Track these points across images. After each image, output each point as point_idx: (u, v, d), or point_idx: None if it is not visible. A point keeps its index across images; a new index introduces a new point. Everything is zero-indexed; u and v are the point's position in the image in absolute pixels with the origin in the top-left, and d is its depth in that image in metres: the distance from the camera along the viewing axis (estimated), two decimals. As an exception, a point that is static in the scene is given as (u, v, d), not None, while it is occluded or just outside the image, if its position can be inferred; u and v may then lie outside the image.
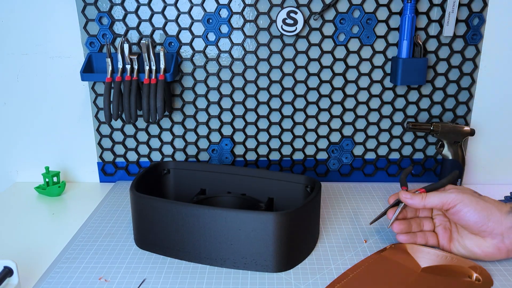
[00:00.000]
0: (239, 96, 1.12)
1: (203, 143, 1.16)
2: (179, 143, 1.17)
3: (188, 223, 0.81)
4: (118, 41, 1.07)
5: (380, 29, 1.08)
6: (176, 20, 1.07)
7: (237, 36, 1.08)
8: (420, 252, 0.82)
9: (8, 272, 0.72)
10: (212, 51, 1.09)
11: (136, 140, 1.16)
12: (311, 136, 1.15)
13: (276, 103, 1.13)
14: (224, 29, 1.08)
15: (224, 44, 1.09)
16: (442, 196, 0.79)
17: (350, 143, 1.16)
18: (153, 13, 1.07)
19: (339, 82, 1.11)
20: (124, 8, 1.06)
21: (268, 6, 1.06)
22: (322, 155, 1.17)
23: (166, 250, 0.85)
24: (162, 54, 1.03)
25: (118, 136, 1.16)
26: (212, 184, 1.02)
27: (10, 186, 1.18)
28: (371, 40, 1.08)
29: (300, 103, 1.13)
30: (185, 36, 1.08)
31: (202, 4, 1.06)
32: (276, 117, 1.14)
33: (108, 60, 1.03)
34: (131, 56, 1.03)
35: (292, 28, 1.06)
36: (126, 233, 0.93)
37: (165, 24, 1.07)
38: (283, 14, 1.05)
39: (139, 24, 1.07)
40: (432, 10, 1.06)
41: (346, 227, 0.95)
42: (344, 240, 0.91)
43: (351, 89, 1.12)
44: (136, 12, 1.06)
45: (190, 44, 1.09)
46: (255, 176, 0.99)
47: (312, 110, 1.13)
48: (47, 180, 1.11)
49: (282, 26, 1.06)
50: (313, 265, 0.82)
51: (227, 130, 1.15)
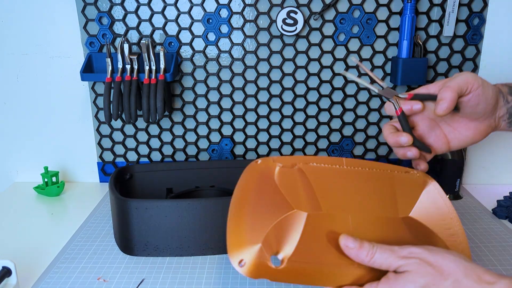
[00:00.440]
0: (239, 96, 1.12)
1: (203, 143, 1.16)
2: (179, 143, 1.16)
3: (180, 219, 0.83)
4: (118, 41, 1.07)
5: (380, 29, 1.07)
6: (176, 20, 1.07)
7: (237, 36, 1.08)
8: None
9: (6, 272, 0.72)
10: (212, 51, 1.09)
11: (136, 140, 1.16)
12: (311, 136, 1.15)
13: (276, 103, 1.13)
14: (224, 29, 1.08)
15: (224, 44, 1.09)
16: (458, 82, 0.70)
17: (350, 143, 1.16)
18: (153, 13, 1.07)
19: (339, 82, 1.11)
20: (124, 8, 1.06)
21: (268, 6, 1.06)
22: (322, 155, 1.17)
23: (161, 252, 0.85)
24: (162, 54, 1.03)
25: (118, 136, 1.16)
26: (178, 183, 1.05)
27: (9, 186, 1.18)
28: (371, 40, 1.08)
29: (300, 103, 1.13)
30: (185, 36, 1.08)
31: (202, 4, 1.06)
32: (276, 117, 1.14)
33: (108, 60, 1.03)
34: (131, 56, 1.03)
35: (292, 28, 1.06)
36: (126, 233, 0.93)
37: (165, 24, 1.07)
38: (283, 14, 1.05)
39: (139, 24, 1.07)
40: (432, 10, 1.06)
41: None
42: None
43: (351, 89, 1.12)
44: (136, 12, 1.06)
45: (190, 44, 1.09)
46: (221, 167, 1.04)
47: (312, 110, 1.13)
48: (46, 180, 1.11)
49: (282, 26, 1.06)
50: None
51: (227, 130, 1.15)
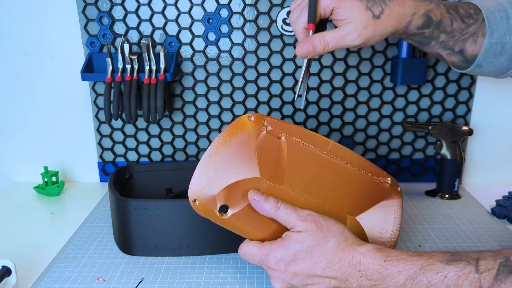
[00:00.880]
0: (239, 96, 1.12)
1: (203, 143, 1.16)
2: (179, 143, 1.17)
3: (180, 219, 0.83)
4: (118, 41, 1.07)
5: (380, 29, 1.07)
6: (176, 20, 1.07)
7: (237, 36, 1.08)
8: None
9: (6, 271, 0.72)
10: (212, 51, 1.09)
11: (136, 140, 1.16)
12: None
13: (276, 103, 1.13)
14: (224, 29, 1.08)
15: (224, 44, 1.09)
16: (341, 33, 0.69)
17: (350, 143, 1.16)
18: (153, 13, 1.07)
19: (339, 82, 1.11)
20: (124, 8, 1.06)
21: (268, 6, 1.06)
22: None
23: (160, 251, 0.85)
24: (162, 54, 1.03)
25: (118, 136, 1.16)
26: (178, 182, 1.04)
27: (9, 186, 1.18)
28: (371, 40, 1.08)
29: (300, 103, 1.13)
30: (185, 36, 1.08)
31: (202, 4, 1.06)
32: (276, 116, 1.13)
33: (108, 60, 1.03)
34: (131, 56, 1.03)
35: (292, 28, 1.06)
36: (125, 232, 0.93)
37: (165, 24, 1.08)
38: (283, 14, 1.05)
39: (139, 24, 1.07)
40: (432, 10, 1.05)
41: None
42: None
43: (351, 89, 1.12)
44: (136, 12, 1.06)
45: (190, 44, 1.09)
46: None
47: (312, 110, 1.13)
48: (46, 180, 1.11)
49: (282, 26, 1.06)
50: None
51: (227, 130, 1.15)
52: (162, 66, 1.04)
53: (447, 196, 1.09)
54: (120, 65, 1.03)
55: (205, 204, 0.68)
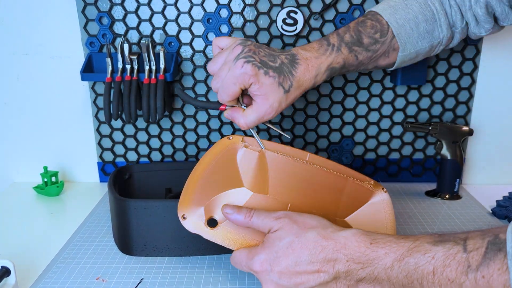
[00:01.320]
0: (239, 96, 1.12)
1: (203, 143, 1.16)
2: (179, 143, 1.16)
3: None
4: (118, 41, 1.07)
5: (380, 29, 1.07)
6: (176, 20, 1.07)
7: (237, 36, 1.08)
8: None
9: (5, 272, 0.72)
10: (212, 51, 1.09)
11: (136, 140, 1.16)
12: (311, 136, 1.15)
13: (276, 103, 1.13)
14: (224, 29, 1.08)
15: (223, 44, 1.09)
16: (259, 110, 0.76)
17: (350, 143, 1.16)
18: (153, 13, 1.07)
19: (339, 82, 1.11)
20: (124, 8, 1.06)
21: (268, 6, 1.06)
22: (322, 155, 1.17)
23: (160, 252, 0.85)
24: (162, 54, 1.03)
25: (118, 136, 1.16)
26: (178, 182, 1.04)
27: (9, 186, 1.18)
28: (371, 40, 1.08)
29: (300, 103, 1.13)
30: (185, 36, 1.08)
31: (202, 4, 1.06)
32: (276, 116, 1.13)
33: (108, 60, 1.03)
34: (131, 56, 1.03)
35: (292, 28, 1.06)
36: (125, 233, 0.93)
37: (165, 24, 1.07)
38: (283, 14, 1.05)
39: (139, 24, 1.07)
40: (432, 10, 1.05)
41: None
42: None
43: (351, 88, 1.12)
44: (136, 12, 1.06)
45: (190, 44, 1.09)
46: None
47: (312, 110, 1.13)
48: (45, 180, 1.11)
49: (282, 26, 1.06)
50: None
51: (227, 130, 1.15)
52: (162, 66, 1.04)
53: (447, 196, 1.08)
54: (120, 65, 1.03)
55: (193, 218, 0.73)
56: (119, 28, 1.07)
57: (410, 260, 0.57)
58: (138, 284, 0.77)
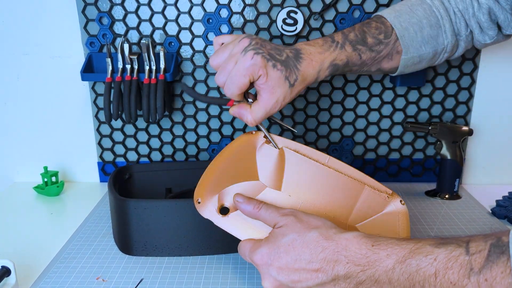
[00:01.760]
0: (239, 96, 1.12)
1: (203, 143, 1.16)
2: (179, 143, 1.16)
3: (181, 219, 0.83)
4: (118, 41, 1.07)
5: (380, 29, 1.07)
6: (176, 20, 1.07)
7: (237, 36, 1.08)
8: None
9: (5, 272, 0.72)
10: (212, 51, 1.09)
11: (136, 140, 1.16)
12: (311, 136, 1.15)
13: (276, 103, 1.13)
14: (224, 29, 1.08)
15: (224, 44, 1.09)
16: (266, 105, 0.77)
17: (350, 143, 1.16)
18: (153, 13, 1.07)
19: (339, 81, 1.11)
20: (124, 8, 1.06)
21: (268, 6, 1.06)
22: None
23: (160, 251, 0.85)
24: (162, 54, 1.03)
25: (118, 136, 1.16)
26: (178, 183, 1.05)
27: (9, 186, 1.18)
28: (371, 40, 1.08)
29: (300, 103, 1.13)
30: (185, 36, 1.08)
31: (202, 4, 1.06)
32: (276, 116, 1.13)
33: (108, 60, 1.03)
34: (131, 56, 1.03)
35: (292, 28, 1.06)
36: (125, 232, 0.93)
37: (165, 24, 1.07)
38: (283, 14, 1.05)
39: (139, 24, 1.07)
40: (432, 10, 1.05)
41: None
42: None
43: (351, 88, 1.12)
44: (136, 12, 1.06)
45: (190, 44, 1.09)
46: None
47: (312, 110, 1.13)
48: (45, 180, 1.11)
49: (282, 26, 1.06)
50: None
51: (227, 130, 1.15)
52: (162, 66, 1.04)
53: (447, 196, 1.08)
54: (120, 65, 1.03)
55: (207, 204, 0.74)
56: (119, 28, 1.07)
57: (412, 262, 0.56)
58: (138, 284, 0.77)
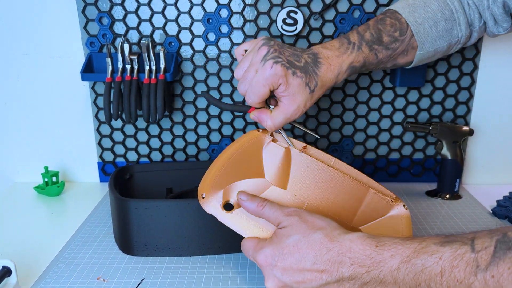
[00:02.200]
0: (239, 96, 1.12)
1: (203, 143, 1.16)
2: (179, 143, 1.17)
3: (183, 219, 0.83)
4: (118, 41, 1.07)
5: (380, 29, 1.07)
6: (176, 20, 1.07)
7: (237, 36, 1.08)
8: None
9: (6, 271, 0.72)
10: (212, 51, 1.09)
11: (136, 140, 1.16)
12: (311, 136, 1.15)
13: (276, 103, 1.13)
14: (224, 29, 1.08)
15: (224, 44, 1.09)
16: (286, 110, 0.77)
17: (350, 143, 1.16)
18: (153, 13, 1.07)
19: (339, 82, 1.11)
20: (124, 8, 1.06)
21: (268, 6, 1.06)
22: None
23: (160, 252, 0.85)
24: (162, 54, 1.03)
25: (118, 136, 1.16)
26: (178, 183, 1.05)
27: (9, 186, 1.18)
28: (371, 40, 1.08)
29: (300, 103, 1.13)
30: (185, 36, 1.08)
31: (202, 4, 1.06)
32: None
33: (108, 60, 1.03)
34: (131, 56, 1.03)
35: (292, 28, 1.06)
36: (126, 233, 0.93)
37: (165, 24, 1.07)
38: (283, 14, 1.05)
39: (139, 24, 1.07)
40: (432, 10, 1.05)
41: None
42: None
43: (351, 88, 1.12)
44: (136, 12, 1.06)
45: (190, 44, 1.09)
46: None
47: (312, 110, 1.13)
48: (46, 180, 1.11)
49: (282, 26, 1.06)
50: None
51: (227, 130, 1.15)
52: (162, 66, 1.04)
53: (447, 196, 1.09)
54: (120, 65, 1.03)
55: (211, 200, 0.74)
56: (119, 28, 1.07)
57: (417, 262, 0.56)
58: (139, 284, 0.77)
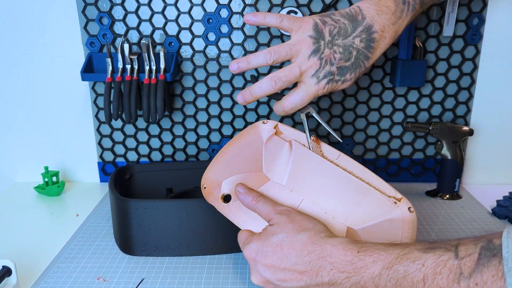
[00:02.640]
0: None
1: (203, 143, 1.16)
2: (179, 143, 1.17)
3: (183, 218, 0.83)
4: (118, 41, 1.07)
5: (380, 29, 1.07)
6: (176, 20, 1.07)
7: (237, 36, 1.08)
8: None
9: (6, 271, 0.72)
10: (212, 51, 1.09)
11: (136, 140, 1.16)
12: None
13: (276, 103, 1.13)
14: (224, 29, 1.08)
15: (224, 44, 1.09)
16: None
17: (350, 143, 1.16)
18: (153, 13, 1.07)
19: (339, 82, 1.11)
20: (124, 8, 1.06)
21: (268, 6, 1.06)
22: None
23: (161, 251, 0.85)
24: (162, 54, 1.03)
25: (118, 136, 1.16)
26: (178, 183, 1.05)
27: (9, 186, 1.18)
28: (371, 40, 1.08)
29: (300, 103, 1.13)
30: (185, 36, 1.08)
31: (202, 4, 1.06)
32: (276, 117, 1.14)
33: (108, 60, 1.03)
34: (131, 56, 1.03)
35: (292, 28, 1.06)
36: (126, 232, 0.93)
37: (165, 24, 1.08)
38: (283, 14, 1.05)
39: (139, 24, 1.07)
40: (431, 10, 1.06)
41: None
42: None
43: (351, 88, 1.12)
44: (136, 12, 1.06)
45: (190, 44, 1.09)
46: None
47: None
48: (46, 180, 1.11)
49: (282, 26, 1.06)
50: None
51: (227, 130, 1.15)
52: (162, 66, 1.04)
53: (447, 196, 1.09)
54: (120, 65, 1.03)
55: (211, 190, 0.76)
56: (119, 28, 1.08)
57: (399, 268, 0.55)
58: (139, 284, 0.77)
